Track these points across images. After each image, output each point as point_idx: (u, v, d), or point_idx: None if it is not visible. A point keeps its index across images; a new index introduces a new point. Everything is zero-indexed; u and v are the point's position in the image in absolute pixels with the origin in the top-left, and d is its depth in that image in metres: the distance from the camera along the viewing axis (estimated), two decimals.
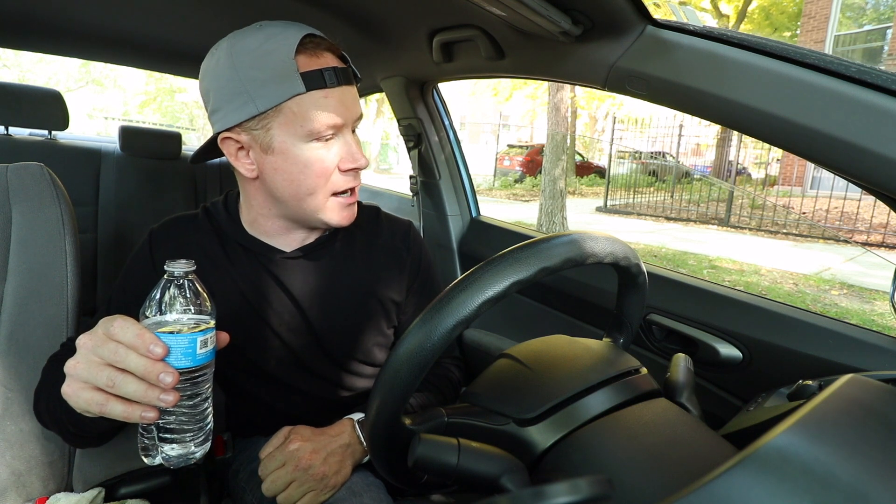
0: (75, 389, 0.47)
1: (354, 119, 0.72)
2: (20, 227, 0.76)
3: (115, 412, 0.45)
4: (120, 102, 20.56)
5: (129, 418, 0.45)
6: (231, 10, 1.10)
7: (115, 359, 0.45)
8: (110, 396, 0.45)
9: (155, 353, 0.44)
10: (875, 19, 10.34)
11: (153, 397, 0.44)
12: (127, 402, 0.45)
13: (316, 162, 0.69)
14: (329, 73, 0.67)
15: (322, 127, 0.67)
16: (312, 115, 0.66)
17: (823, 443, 0.33)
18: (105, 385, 0.45)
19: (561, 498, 0.32)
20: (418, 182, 1.58)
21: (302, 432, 0.70)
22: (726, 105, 0.64)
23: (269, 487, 0.66)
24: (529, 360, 0.58)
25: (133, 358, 0.44)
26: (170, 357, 0.45)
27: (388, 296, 0.86)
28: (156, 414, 0.46)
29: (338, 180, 0.72)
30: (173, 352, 0.45)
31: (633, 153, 10.79)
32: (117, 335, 0.45)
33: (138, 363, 0.44)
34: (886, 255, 5.74)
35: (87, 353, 0.46)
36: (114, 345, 0.45)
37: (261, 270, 0.78)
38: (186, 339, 0.46)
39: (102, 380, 0.45)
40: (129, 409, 0.45)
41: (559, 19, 0.73)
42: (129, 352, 0.45)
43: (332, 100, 0.67)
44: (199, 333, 0.47)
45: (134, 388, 0.44)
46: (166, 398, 0.45)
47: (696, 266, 5.29)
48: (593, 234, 0.52)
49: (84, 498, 0.69)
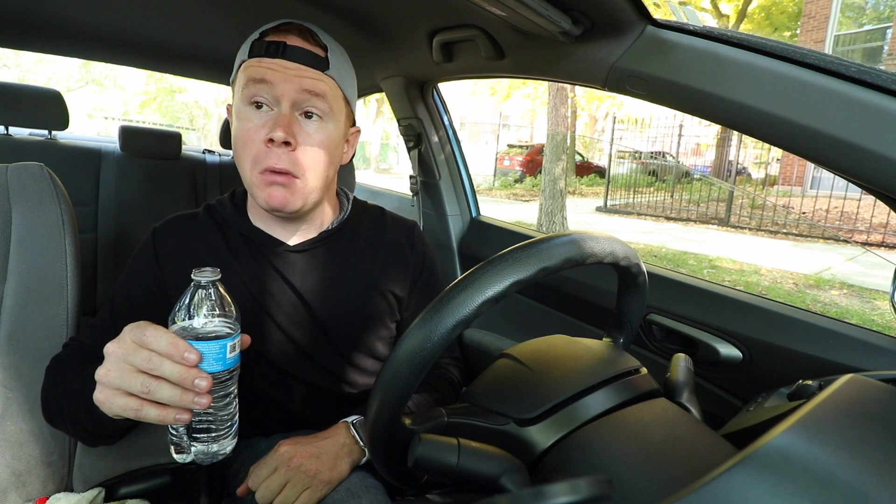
0: (108, 396, 0.48)
1: (292, 94, 0.69)
2: (20, 227, 0.76)
3: (151, 416, 0.47)
4: (120, 102, 20.57)
5: (164, 421, 0.47)
6: (231, 10, 1.10)
7: (149, 366, 0.46)
8: (145, 402, 0.47)
9: (189, 360, 0.46)
10: (875, 19, 10.34)
11: (188, 401, 0.47)
12: (161, 407, 0.47)
13: (242, 127, 0.71)
14: (272, 45, 0.69)
15: (250, 92, 0.69)
16: (245, 81, 0.70)
17: (823, 443, 0.33)
18: (140, 391, 0.47)
19: (561, 498, 0.32)
20: (418, 182, 1.58)
21: (292, 438, 0.71)
22: (726, 105, 0.64)
23: (264, 494, 0.65)
24: (529, 360, 0.58)
25: (168, 365, 0.46)
26: (202, 363, 0.47)
27: (392, 290, 0.86)
28: (189, 416, 0.48)
29: (258, 151, 0.69)
30: (205, 358, 0.48)
31: (633, 153, 10.79)
32: (150, 344, 0.47)
33: (174, 370, 0.46)
34: (886, 255, 5.74)
35: (118, 362, 0.48)
36: (147, 353, 0.47)
37: (264, 263, 0.79)
38: (217, 346, 0.48)
39: (137, 387, 0.47)
40: (164, 412, 0.47)
41: (559, 19, 0.73)
42: (163, 360, 0.46)
43: (265, 69, 0.68)
44: (229, 339, 0.49)
45: (169, 394, 0.46)
46: (201, 401, 0.47)
47: (697, 266, 5.29)
48: (593, 233, 0.52)
49: (84, 498, 0.69)
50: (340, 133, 0.77)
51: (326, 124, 0.73)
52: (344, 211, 0.88)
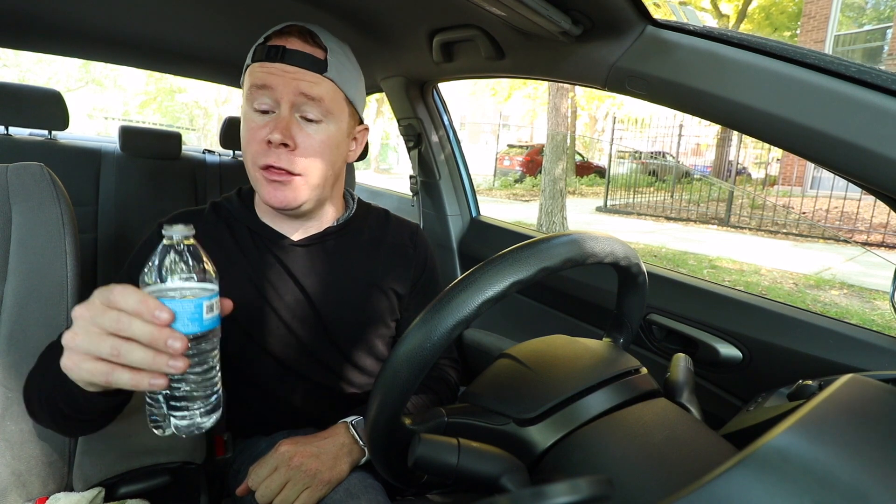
0: (76, 361, 0.44)
1: (291, 98, 0.71)
2: (20, 227, 0.76)
3: (122, 381, 0.43)
4: (120, 102, 20.56)
5: (138, 386, 0.44)
6: (231, 11, 1.10)
7: (117, 327, 0.43)
8: (115, 366, 0.43)
9: (161, 319, 0.42)
10: (875, 19, 10.34)
11: (162, 364, 0.43)
12: (134, 371, 0.43)
13: (246, 128, 0.74)
14: (273, 49, 0.71)
15: (253, 97, 0.72)
16: (249, 86, 0.73)
17: (823, 443, 0.33)
18: (109, 355, 0.43)
19: (561, 498, 0.32)
20: (418, 182, 1.58)
21: (291, 438, 0.70)
22: (726, 105, 0.64)
23: (264, 493, 0.65)
24: (529, 360, 0.58)
25: (138, 325, 0.42)
26: (176, 323, 0.43)
27: (393, 288, 0.87)
28: (165, 381, 0.44)
29: (258, 150, 0.72)
30: (179, 318, 0.43)
31: (633, 153, 10.79)
32: (118, 303, 0.43)
33: (144, 330, 0.42)
34: (886, 255, 5.74)
35: (85, 324, 0.44)
36: (115, 313, 0.43)
37: (269, 256, 0.80)
38: (192, 304, 0.44)
39: (105, 350, 0.43)
40: (137, 376, 0.43)
41: (559, 19, 0.73)
42: (132, 319, 0.42)
43: (265, 73, 0.71)
44: (205, 298, 0.45)
45: (141, 356, 0.43)
46: (176, 364, 0.43)
47: (697, 266, 5.29)
48: (593, 233, 0.52)
49: (84, 498, 0.69)
50: (342, 133, 0.78)
51: (326, 125, 0.75)
52: (349, 210, 0.89)
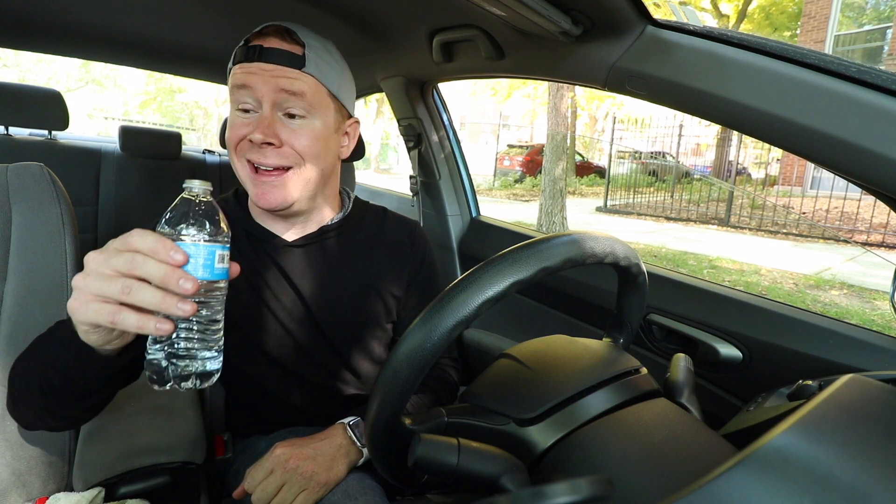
0: (84, 301, 0.44)
1: (271, 95, 0.70)
2: (20, 227, 0.76)
3: (129, 322, 0.43)
4: (120, 102, 20.56)
5: (143, 328, 0.43)
6: (231, 11, 1.10)
7: (131, 267, 0.43)
8: (123, 307, 0.43)
9: (175, 260, 0.43)
10: (875, 19, 10.34)
11: (171, 305, 0.43)
12: (140, 313, 0.43)
13: (230, 127, 0.74)
14: (251, 50, 0.71)
15: (236, 99, 0.73)
16: (231, 87, 0.74)
17: (823, 443, 0.33)
18: (119, 293, 0.43)
19: (561, 498, 0.32)
20: (418, 182, 1.58)
21: (288, 441, 0.70)
22: (726, 105, 0.64)
23: (260, 496, 0.65)
24: (529, 360, 0.58)
25: (152, 264, 0.43)
26: (188, 267, 0.44)
27: (389, 290, 0.87)
28: (171, 326, 0.44)
29: (241, 147, 0.73)
30: (192, 262, 0.44)
31: (633, 153, 10.78)
32: (134, 243, 0.43)
33: (158, 269, 0.42)
34: (886, 255, 5.74)
35: (98, 266, 0.44)
36: (130, 254, 0.43)
37: (264, 257, 0.80)
38: (206, 250, 0.45)
39: (116, 289, 0.43)
40: (143, 318, 0.43)
41: (559, 19, 0.73)
42: (147, 258, 0.43)
43: (244, 73, 0.71)
44: (218, 247, 0.46)
45: (151, 296, 0.42)
46: (184, 307, 0.43)
47: (697, 266, 5.29)
48: (593, 233, 0.52)
49: (84, 498, 0.69)
50: (329, 128, 0.77)
51: (310, 121, 0.74)
52: (345, 210, 0.88)
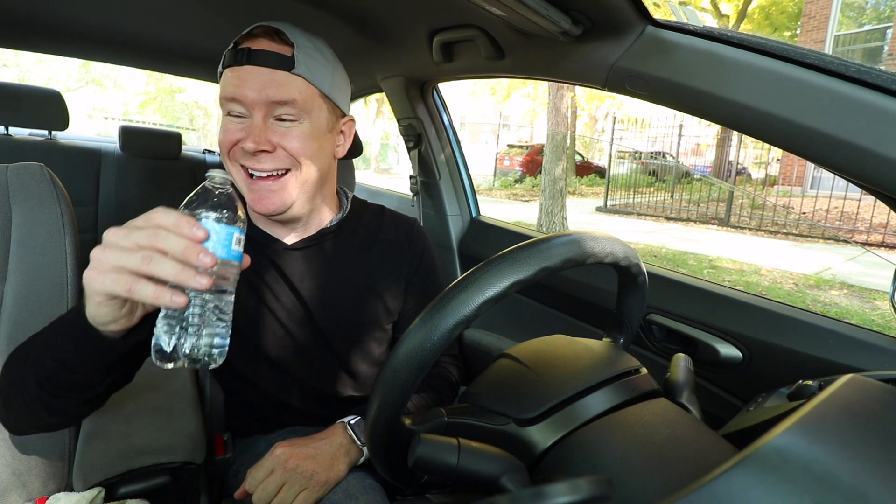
0: (101, 271, 0.45)
1: (261, 104, 0.69)
2: (20, 227, 0.76)
3: (145, 293, 0.44)
4: (120, 102, 20.56)
5: (159, 300, 0.45)
6: (231, 10, 1.10)
7: (153, 240, 0.45)
8: (140, 278, 0.45)
9: (197, 236, 0.45)
10: (875, 19, 10.34)
11: (190, 275, 0.44)
12: (157, 284, 0.45)
13: (222, 131, 0.73)
14: (240, 53, 0.70)
15: (225, 102, 0.71)
16: (221, 90, 0.72)
17: (823, 443, 0.33)
18: (139, 264, 0.44)
19: (561, 498, 0.32)
20: (418, 182, 1.58)
21: (288, 440, 0.70)
22: (726, 105, 0.64)
23: (261, 496, 0.65)
24: (529, 360, 0.58)
25: (174, 238, 0.45)
26: (206, 244, 0.46)
27: (388, 289, 0.87)
28: (185, 299, 0.45)
29: (236, 152, 0.72)
30: (211, 240, 0.47)
31: (633, 153, 10.79)
32: (157, 218, 0.46)
33: (179, 243, 0.44)
34: (886, 255, 5.74)
35: (117, 240, 0.45)
36: (152, 229, 0.45)
37: (264, 260, 0.80)
38: (225, 230, 0.48)
39: (135, 260, 0.44)
40: (159, 290, 0.44)
41: (559, 19, 0.73)
42: (169, 233, 0.45)
43: (234, 77, 0.70)
44: (236, 230, 0.49)
45: (170, 267, 0.44)
46: (201, 280, 0.45)
47: (697, 266, 5.29)
48: (593, 234, 0.52)
49: (84, 498, 0.69)
50: (322, 128, 0.75)
51: (301, 123, 0.72)
52: (343, 210, 0.88)
